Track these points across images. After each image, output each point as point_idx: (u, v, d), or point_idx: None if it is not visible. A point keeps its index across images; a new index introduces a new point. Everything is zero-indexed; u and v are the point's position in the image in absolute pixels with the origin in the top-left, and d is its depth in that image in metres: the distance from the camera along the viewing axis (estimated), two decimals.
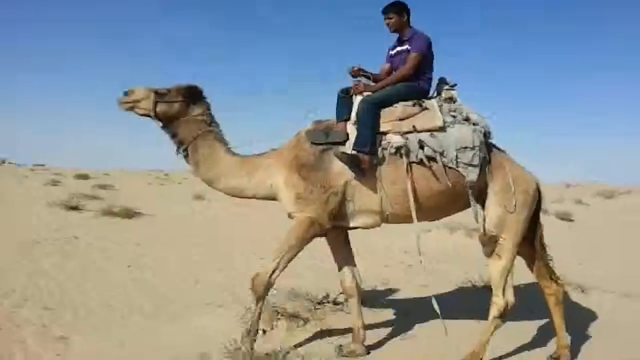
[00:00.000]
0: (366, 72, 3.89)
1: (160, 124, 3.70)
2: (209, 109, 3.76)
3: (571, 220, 13.83)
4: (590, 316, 4.98)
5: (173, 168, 34.17)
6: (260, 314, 3.51)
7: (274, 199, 3.68)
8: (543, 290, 3.88)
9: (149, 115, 3.63)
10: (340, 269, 3.90)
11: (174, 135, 3.68)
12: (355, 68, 3.84)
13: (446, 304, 3.96)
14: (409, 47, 3.80)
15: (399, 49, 3.91)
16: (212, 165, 3.65)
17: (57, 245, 7.28)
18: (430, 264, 7.11)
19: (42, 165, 47.02)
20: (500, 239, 3.52)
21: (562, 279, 3.97)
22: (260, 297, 3.44)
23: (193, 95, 3.70)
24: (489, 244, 3.55)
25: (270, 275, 3.41)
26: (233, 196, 3.80)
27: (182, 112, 3.64)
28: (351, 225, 3.62)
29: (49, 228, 8.66)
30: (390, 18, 3.84)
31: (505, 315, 3.55)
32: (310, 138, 3.60)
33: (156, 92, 3.61)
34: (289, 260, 3.46)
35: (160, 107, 3.60)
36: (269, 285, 3.44)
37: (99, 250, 7.26)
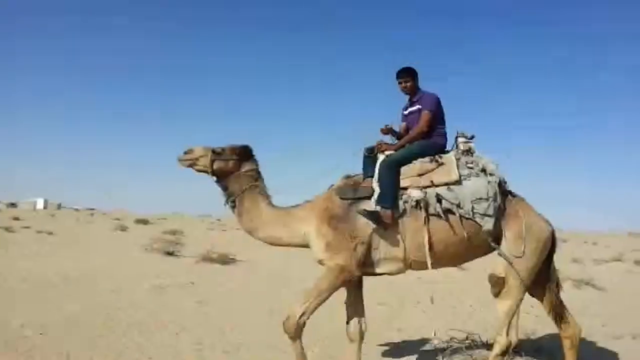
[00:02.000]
0: (395, 131, 4.23)
1: (215, 179, 4.06)
2: (257, 166, 4.12)
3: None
4: None
5: (221, 214, 34.76)
6: (301, 352, 3.69)
7: (307, 246, 3.90)
8: (560, 334, 3.96)
9: (206, 172, 4.01)
10: (348, 314, 4.06)
11: (225, 189, 4.03)
12: (388, 127, 4.18)
13: None
14: (419, 107, 4.09)
15: (410, 109, 4.22)
16: (254, 216, 3.96)
17: (185, 290, 7.50)
18: None
19: (93, 209, 48.15)
20: (509, 282, 3.67)
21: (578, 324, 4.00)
22: (295, 338, 3.64)
23: (245, 153, 4.09)
24: (497, 285, 3.72)
25: (300, 318, 3.59)
26: (271, 244, 4.05)
27: (235, 169, 4.01)
28: (377, 271, 3.81)
29: (167, 274, 8.83)
30: (407, 82, 4.17)
31: (506, 354, 3.73)
32: (340, 194, 3.88)
33: (213, 151, 3.99)
34: (318, 305, 3.65)
35: (217, 165, 3.98)
36: (299, 328, 3.61)
37: (221, 294, 7.49)
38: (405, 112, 4.28)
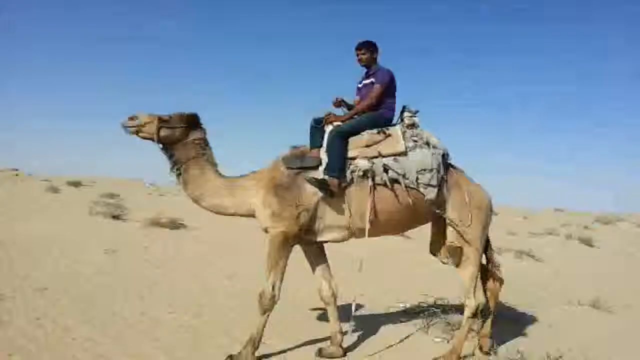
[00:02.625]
0: (347, 102, 4.36)
1: (160, 146, 4.06)
2: (205, 135, 4.15)
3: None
4: None
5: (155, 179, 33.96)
6: (264, 326, 3.83)
7: (252, 216, 4.04)
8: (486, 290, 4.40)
9: (151, 139, 4.00)
10: (317, 279, 4.27)
11: (171, 156, 4.04)
12: (339, 99, 4.32)
13: None
14: (373, 80, 4.23)
15: (365, 82, 4.35)
16: (200, 185, 4.00)
17: (141, 255, 7.69)
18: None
19: (16, 169, 45.09)
20: (465, 249, 4.04)
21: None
22: (268, 310, 3.79)
23: (193, 122, 4.09)
24: (454, 254, 4.09)
25: (272, 290, 3.77)
26: (216, 213, 4.14)
27: (182, 137, 4.02)
28: (320, 239, 4.02)
29: (117, 240, 8.72)
30: (363, 54, 4.29)
31: (477, 315, 4.16)
32: (286, 163, 4.00)
33: (160, 118, 3.97)
34: (282, 270, 3.83)
35: (164, 132, 3.98)
36: (273, 300, 3.78)
37: (177, 259, 7.69)
38: (360, 85, 4.41)
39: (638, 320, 6.55)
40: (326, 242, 4.12)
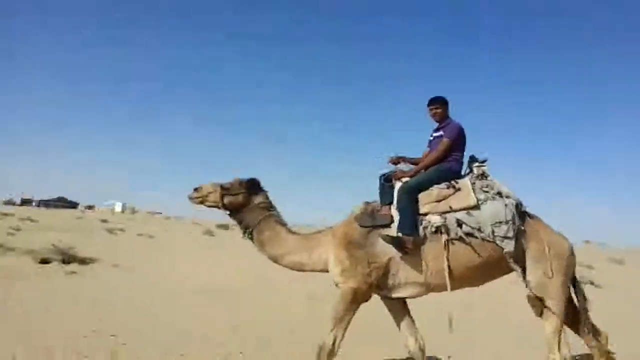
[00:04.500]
0: (405, 158, 4.39)
1: (227, 212, 4.22)
2: (267, 197, 4.27)
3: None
4: None
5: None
6: None
7: (328, 271, 4.02)
8: (589, 346, 4.02)
9: (217, 207, 4.18)
10: (403, 334, 4.12)
11: (240, 222, 4.19)
12: (394, 157, 4.37)
13: None
14: (442, 134, 4.26)
15: (435, 135, 4.39)
16: (277, 245, 4.12)
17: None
18: None
19: (160, 212, 49.47)
20: (547, 302, 3.79)
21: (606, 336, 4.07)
22: None
23: (253, 186, 4.23)
24: (536, 304, 3.84)
25: (332, 345, 3.73)
26: (296, 270, 4.18)
27: (246, 202, 4.17)
28: (395, 295, 3.94)
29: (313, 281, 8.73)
30: (438, 109, 4.37)
31: None
32: (359, 221, 4.00)
33: (222, 187, 4.16)
34: (344, 328, 3.78)
35: (227, 199, 4.16)
36: (333, 354, 3.74)
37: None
38: (431, 138, 4.45)
39: None
40: (402, 298, 4.03)
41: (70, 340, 4.80)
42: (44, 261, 9.89)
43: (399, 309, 4.14)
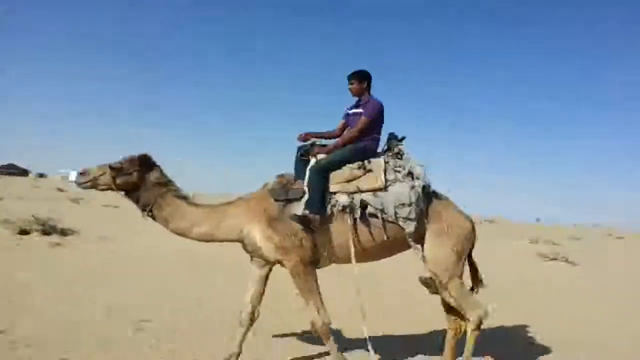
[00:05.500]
0: (315, 134, 4.39)
1: (122, 193, 4.05)
2: (162, 172, 4.13)
3: None
4: None
5: None
6: (336, 347, 3.98)
7: (241, 241, 4.04)
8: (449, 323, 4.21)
9: (111, 189, 4.00)
10: (246, 299, 4.17)
11: (137, 201, 4.04)
12: (303, 135, 4.34)
13: None
14: (362, 111, 4.22)
15: (354, 110, 4.34)
16: (180, 218, 4.03)
17: None
18: None
19: None
20: (441, 277, 3.97)
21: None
22: (328, 334, 3.93)
23: (146, 163, 4.06)
24: (427, 285, 4.11)
25: (320, 318, 3.90)
26: (205, 242, 4.19)
27: (141, 180, 4.01)
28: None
29: None
30: (352, 84, 4.31)
31: (481, 326, 4.04)
32: (273, 195, 4.04)
33: (111, 167, 3.95)
34: (319, 294, 3.95)
35: (120, 180, 3.97)
36: (326, 326, 3.91)
37: None
38: (349, 112, 4.40)
39: None
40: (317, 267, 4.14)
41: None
42: (23, 232, 9.61)
43: (257, 280, 4.19)
